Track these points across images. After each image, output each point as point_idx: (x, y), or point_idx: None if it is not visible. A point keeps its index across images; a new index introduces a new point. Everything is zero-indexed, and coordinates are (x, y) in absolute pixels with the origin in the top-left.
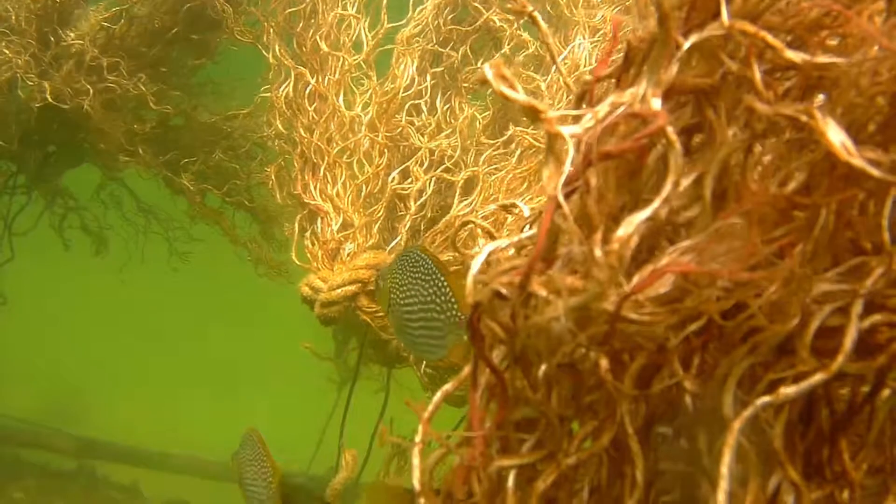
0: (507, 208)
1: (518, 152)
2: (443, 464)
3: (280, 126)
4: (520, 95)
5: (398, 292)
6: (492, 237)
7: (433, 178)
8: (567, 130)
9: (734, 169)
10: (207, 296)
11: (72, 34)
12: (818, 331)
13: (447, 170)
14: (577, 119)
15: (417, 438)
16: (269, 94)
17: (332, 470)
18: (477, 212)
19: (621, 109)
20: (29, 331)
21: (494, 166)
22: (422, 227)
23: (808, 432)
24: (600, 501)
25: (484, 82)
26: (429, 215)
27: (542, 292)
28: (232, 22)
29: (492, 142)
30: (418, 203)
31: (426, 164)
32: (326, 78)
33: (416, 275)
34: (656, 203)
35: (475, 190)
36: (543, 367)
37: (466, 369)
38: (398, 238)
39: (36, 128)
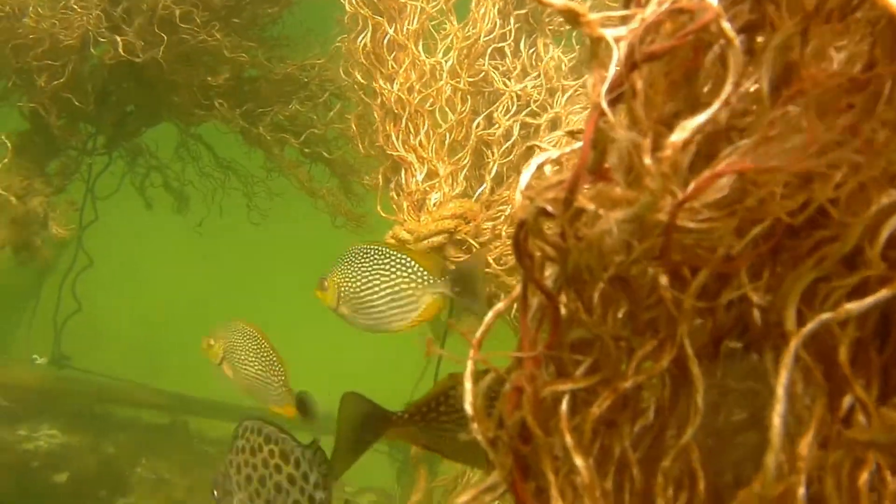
0: (574, 134)
1: None
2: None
3: (359, 77)
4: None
5: (351, 285)
6: (559, 165)
7: (518, 123)
8: (611, 33)
9: (792, 57)
10: (292, 249)
11: None
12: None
13: (532, 113)
14: (624, 21)
15: (469, 361)
16: (344, 44)
17: None
18: (543, 139)
19: (667, 6)
20: (117, 290)
21: (578, 106)
22: (506, 173)
23: (885, 346)
24: (663, 423)
25: None
26: (514, 160)
27: (591, 206)
28: None
29: (574, 83)
30: (503, 149)
31: (513, 109)
32: (405, 26)
33: (370, 262)
34: (716, 106)
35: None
36: (598, 286)
37: (517, 290)
38: (484, 185)
39: (112, 87)
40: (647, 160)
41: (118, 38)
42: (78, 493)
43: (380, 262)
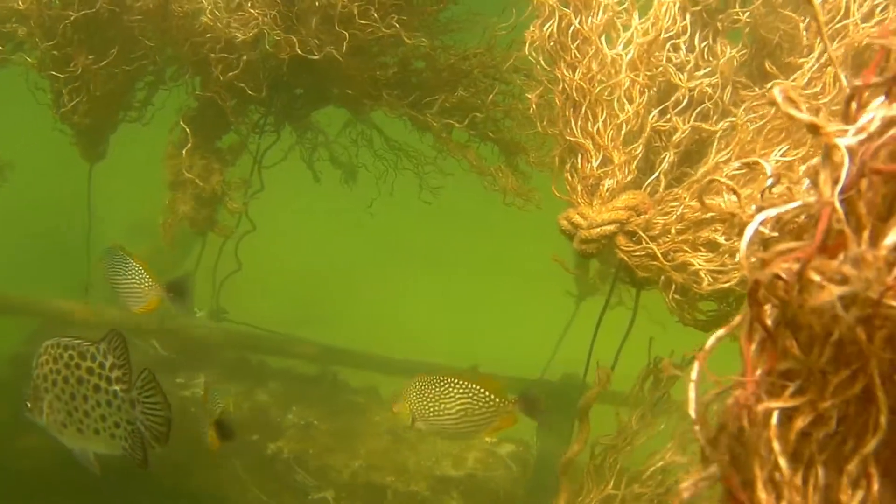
0: (749, 165)
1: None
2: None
3: (542, 62)
4: (803, 115)
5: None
6: (735, 193)
7: (691, 117)
8: (843, 142)
9: None
10: (449, 218)
11: None
12: None
13: (706, 113)
14: (847, 122)
15: (693, 375)
16: (506, 33)
17: (567, 376)
18: (722, 169)
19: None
20: (276, 251)
21: (753, 114)
22: (675, 161)
23: None
24: (846, 433)
25: (773, 104)
26: (684, 149)
27: (817, 278)
28: None
29: (751, 88)
30: (675, 139)
31: (684, 102)
32: (590, 19)
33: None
34: None
35: (733, 136)
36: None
37: (737, 319)
38: (655, 175)
39: (283, 74)
40: (867, 254)
41: (294, 39)
42: None
43: (117, 267)
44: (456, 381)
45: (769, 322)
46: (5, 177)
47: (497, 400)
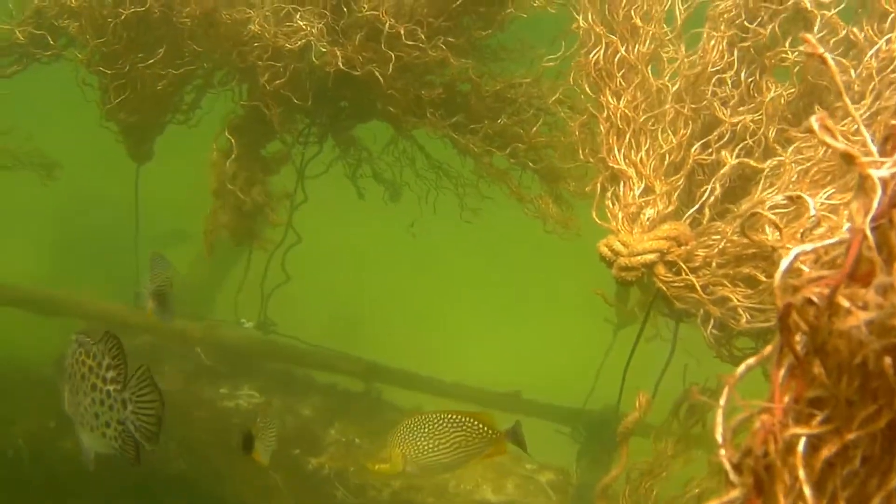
0: (793, 200)
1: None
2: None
3: (587, 89)
4: (839, 143)
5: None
6: (777, 228)
7: (735, 155)
8: (876, 174)
9: None
10: (489, 243)
11: (366, 5)
12: None
13: (747, 149)
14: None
15: (722, 401)
16: (553, 64)
17: (608, 406)
18: (764, 202)
19: None
20: (321, 265)
21: (800, 156)
22: (719, 195)
23: None
24: (871, 471)
25: (810, 131)
26: (727, 185)
27: (846, 304)
28: None
29: (796, 131)
30: (719, 174)
31: (727, 136)
32: (636, 48)
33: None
34: None
35: (778, 175)
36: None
37: (769, 348)
38: (696, 206)
39: (329, 85)
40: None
41: (338, 53)
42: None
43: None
44: (446, 415)
45: (799, 348)
46: (54, 176)
47: (489, 431)
